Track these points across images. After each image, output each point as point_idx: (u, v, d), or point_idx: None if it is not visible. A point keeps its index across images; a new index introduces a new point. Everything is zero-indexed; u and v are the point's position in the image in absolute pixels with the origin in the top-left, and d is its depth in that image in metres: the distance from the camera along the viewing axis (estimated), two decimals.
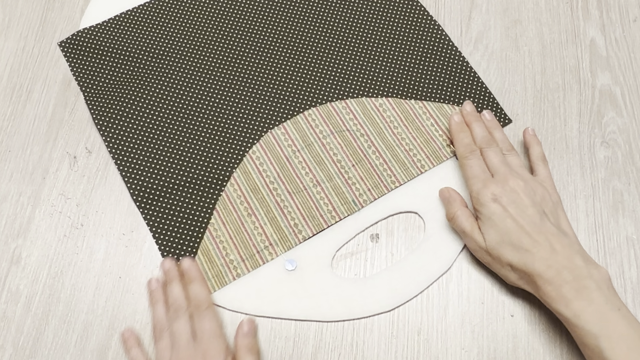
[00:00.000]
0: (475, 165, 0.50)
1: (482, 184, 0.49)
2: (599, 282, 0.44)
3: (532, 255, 0.45)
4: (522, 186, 0.48)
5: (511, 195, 0.47)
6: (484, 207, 0.48)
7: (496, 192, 0.48)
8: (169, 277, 0.49)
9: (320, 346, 0.49)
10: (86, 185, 0.55)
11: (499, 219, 0.47)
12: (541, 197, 0.48)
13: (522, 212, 0.47)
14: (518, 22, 0.62)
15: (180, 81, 0.59)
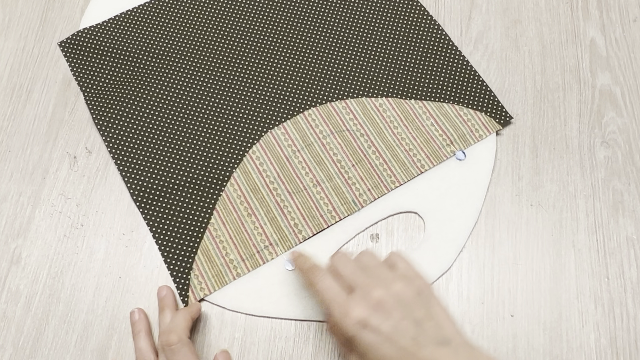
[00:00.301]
0: (327, 288, 0.43)
1: (343, 310, 0.41)
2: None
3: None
4: (387, 295, 0.41)
5: (379, 312, 0.40)
6: (354, 339, 0.40)
7: (362, 316, 0.40)
8: (163, 305, 0.49)
9: (320, 346, 0.49)
10: (86, 185, 0.55)
11: (374, 349, 0.40)
12: (409, 299, 0.41)
13: (396, 330, 0.40)
14: (518, 22, 0.62)
15: (180, 81, 0.59)
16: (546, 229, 0.53)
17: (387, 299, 0.41)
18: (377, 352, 0.40)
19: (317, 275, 0.44)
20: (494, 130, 0.56)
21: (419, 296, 0.42)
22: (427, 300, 0.42)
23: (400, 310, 0.41)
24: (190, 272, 0.51)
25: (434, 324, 0.41)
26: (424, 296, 0.42)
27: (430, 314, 0.41)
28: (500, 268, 0.51)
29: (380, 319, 0.40)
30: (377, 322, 0.40)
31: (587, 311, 0.50)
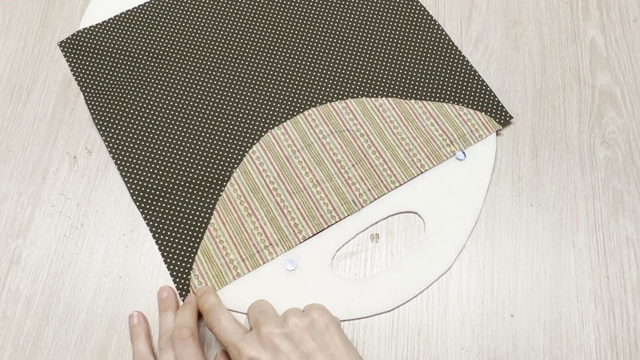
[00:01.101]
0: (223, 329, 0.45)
1: (237, 351, 0.43)
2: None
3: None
4: (276, 333, 0.43)
5: (269, 349, 0.42)
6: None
7: (253, 354, 0.42)
8: (165, 305, 0.49)
9: None
10: (86, 185, 0.55)
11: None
12: (300, 336, 0.43)
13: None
14: (518, 22, 0.62)
15: (180, 81, 0.59)
16: (546, 229, 0.53)
17: (275, 335, 0.43)
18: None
19: (215, 316, 0.46)
20: (494, 130, 0.56)
21: (310, 329, 0.43)
22: (319, 332, 0.43)
23: (288, 345, 0.42)
24: (190, 272, 0.51)
25: (324, 356, 0.42)
26: (315, 329, 0.44)
27: (322, 346, 0.43)
28: (500, 268, 0.51)
29: (269, 355, 0.42)
30: (266, 359, 0.42)
31: (587, 311, 0.50)
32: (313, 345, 0.42)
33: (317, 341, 0.43)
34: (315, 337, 0.43)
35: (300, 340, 0.43)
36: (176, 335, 0.45)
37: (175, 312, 0.48)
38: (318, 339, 0.43)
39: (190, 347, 0.45)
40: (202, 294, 0.49)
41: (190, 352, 0.44)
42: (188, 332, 0.45)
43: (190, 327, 0.46)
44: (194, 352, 0.44)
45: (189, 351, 0.44)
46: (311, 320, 0.44)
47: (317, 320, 0.44)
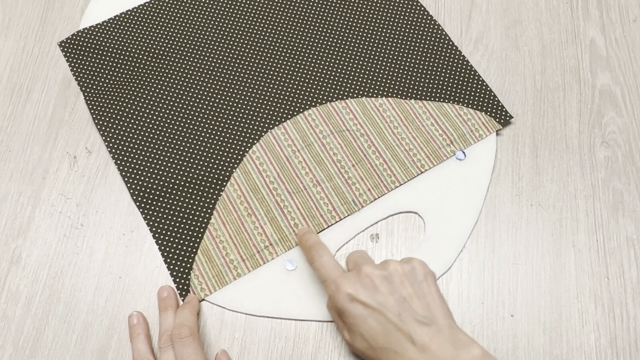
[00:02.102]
0: (324, 265, 0.46)
1: (335, 286, 0.44)
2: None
3: (401, 356, 0.41)
4: (377, 274, 0.44)
5: (368, 288, 0.43)
6: (344, 312, 0.44)
7: (351, 291, 0.43)
8: (165, 305, 0.49)
9: (320, 346, 0.49)
10: (86, 185, 0.55)
11: (361, 321, 0.43)
12: (400, 280, 0.44)
13: (382, 305, 0.42)
14: (518, 22, 0.62)
15: (180, 81, 0.59)
16: (546, 229, 0.53)
17: (376, 276, 0.44)
18: (363, 324, 0.42)
19: (318, 252, 0.47)
20: (494, 130, 0.57)
21: (410, 276, 0.44)
22: (419, 280, 0.44)
23: (387, 287, 0.43)
24: (191, 272, 0.51)
25: (420, 302, 0.43)
26: (415, 277, 0.44)
27: (419, 293, 0.43)
28: (500, 268, 0.51)
29: (367, 293, 0.43)
30: (364, 296, 0.43)
31: (587, 311, 0.50)
32: (411, 291, 0.43)
33: (415, 288, 0.44)
34: (414, 284, 0.44)
35: (399, 284, 0.44)
36: (175, 335, 0.45)
37: (175, 312, 0.48)
38: (416, 286, 0.44)
39: (189, 346, 0.45)
40: (304, 233, 0.50)
41: (190, 352, 0.44)
42: (187, 331, 0.45)
43: (190, 326, 0.46)
44: (193, 351, 0.44)
45: (189, 350, 0.44)
46: (411, 268, 0.45)
47: (417, 269, 0.45)
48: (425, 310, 0.43)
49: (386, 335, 0.42)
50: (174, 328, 0.46)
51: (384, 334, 0.42)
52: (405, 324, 0.42)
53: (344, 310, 0.43)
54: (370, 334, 0.42)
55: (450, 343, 0.41)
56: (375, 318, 0.42)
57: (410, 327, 0.42)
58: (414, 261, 0.45)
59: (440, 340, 0.41)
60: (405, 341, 0.41)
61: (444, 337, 0.41)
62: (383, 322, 0.42)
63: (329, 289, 0.45)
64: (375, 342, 0.42)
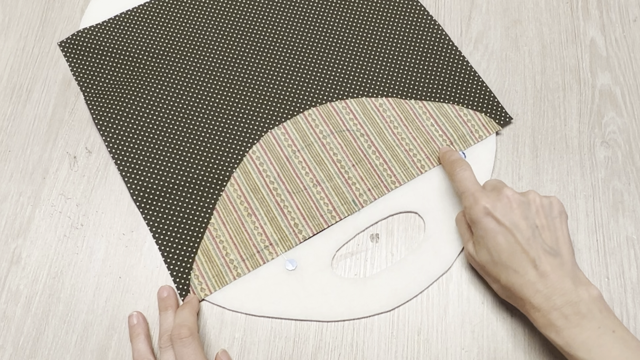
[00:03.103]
0: (464, 179, 0.49)
1: (474, 199, 0.47)
2: (590, 305, 0.42)
3: (521, 277, 0.44)
4: (516, 197, 0.46)
5: (504, 207, 0.45)
6: (476, 224, 0.46)
7: (488, 205, 0.46)
8: (165, 305, 0.49)
9: (320, 346, 0.49)
10: (86, 185, 0.55)
11: (490, 235, 0.45)
12: (536, 208, 0.46)
13: (515, 225, 0.45)
14: (518, 22, 0.62)
15: (180, 81, 0.59)
16: None
17: (515, 199, 0.46)
18: (492, 239, 0.45)
19: (460, 166, 0.50)
20: (494, 131, 0.57)
21: (546, 209, 0.46)
22: (553, 215, 0.46)
23: (523, 211, 0.45)
24: (191, 272, 0.51)
25: (550, 235, 0.45)
26: (551, 211, 0.47)
27: (551, 227, 0.46)
28: None
29: (503, 212, 0.45)
30: (499, 214, 0.45)
31: None
32: (544, 222, 0.46)
33: (548, 220, 0.46)
34: (548, 217, 0.46)
35: (534, 212, 0.46)
36: (175, 335, 0.45)
37: (175, 312, 0.48)
38: (549, 219, 0.46)
39: (189, 346, 0.45)
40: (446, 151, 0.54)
41: (190, 352, 0.44)
42: (187, 331, 0.45)
43: (190, 326, 0.46)
44: (193, 351, 0.44)
45: (188, 350, 0.44)
46: (549, 202, 0.47)
47: (554, 205, 0.47)
48: (553, 243, 0.45)
49: (511, 253, 0.44)
50: (173, 328, 0.46)
51: (509, 252, 0.44)
52: (532, 248, 0.44)
53: (478, 221, 0.46)
54: (496, 249, 0.45)
55: (570, 278, 0.43)
56: (505, 235, 0.44)
57: (536, 252, 0.44)
58: (553, 198, 0.47)
59: (561, 272, 0.43)
60: (528, 264, 0.44)
61: (565, 270, 0.44)
62: (511, 241, 0.44)
63: (467, 201, 0.47)
64: (499, 257, 0.45)
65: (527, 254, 0.44)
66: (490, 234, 0.45)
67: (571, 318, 0.42)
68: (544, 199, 0.47)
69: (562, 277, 0.43)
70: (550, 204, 0.47)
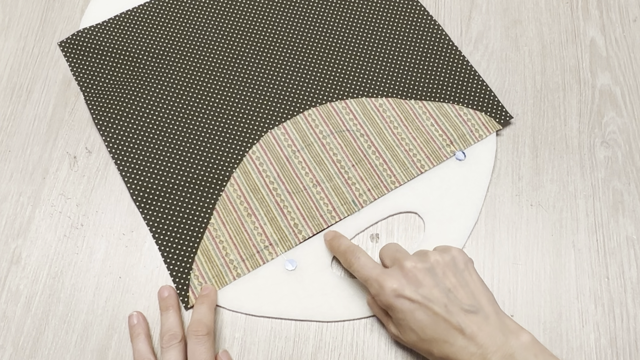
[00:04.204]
0: (363, 266, 0.46)
1: (378, 284, 0.44)
2: (524, 353, 0.41)
3: (451, 345, 0.42)
4: (419, 267, 0.44)
5: (412, 282, 0.44)
6: (390, 308, 0.44)
7: (396, 286, 0.43)
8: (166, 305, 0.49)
9: (320, 346, 0.49)
10: (86, 185, 0.55)
11: (409, 315, 0.43)
12: (442, 271, 0.44)
13: (428, 298, 0.43)
14: (518, 22, 0.62)
15: (180, 81, 0.59)
16: (546, 229, 0.53)
17: (418, 269, 0.44)
18: (412, 318, 0.43)
19: (354, 254, 0.47)
20: (494, 130, 0.56)
21: (451, 266, 0.45)
22: (460, 269, 0.45)
23: (431, 279, 0.44)
24: (190, 272, 0.51)
25: (465, 292, 0.44)
26: (456, 266, 0.45)
27: (462, 283, 0.44)
28: (500, 268, 0.51)
29: (412, 288, 0.43)
30: (409, 291, 0.43)
31: (587, 311, 0.50)
32: (454, 282, 0.44)
33: (458, 278, 0.44)
34: (456, 274, 0.45)
35: (442, 275, 0.44)
36: (192, 331, 0.45)
37: (176, 311, 0.48)
38: (458, 276, 0.44)
39: (204, 344, 0.45)
40: (332, 238, 0.51)
41: (203, 350, 0.45)
42: (205, 329, 0.46)
43: (208, 324, 0.46)
44: (206, 350, 0.45)
45: (202, 349, 0.45)
46: (452, 257, 0.45)
47: (457, 258, 0.45)
48: (470, 299, 0.44)
49: (434, 327, 0.43)
50: (191, 322, 0.46)
51: (433, 326, 0.43)
52: (452, 314, 0.42)
53: (391, 306, 0.44)
54: (419, 327, 0.43)
55: (499, 329, 0.42)
56: (423, 311, 0.43)
57: (457, 317, 0.42)
58: (453, 250, 0.46)
59: (489, 328, 0.42)
60: (453, 331, 0.42)
61: (491, 324, 0.42)
62: (430, 315, 0.43)
63: (373, 288, 0.45)
64: (424, 334, 0.43)
65: (449, 322, 0.42)
66: (408, 314, 0.43)
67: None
68: (445, 256, 0.45)
69: (490, 333, 0.42)
70: (453, 258, 0.45)
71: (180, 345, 0.46)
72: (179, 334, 0.46)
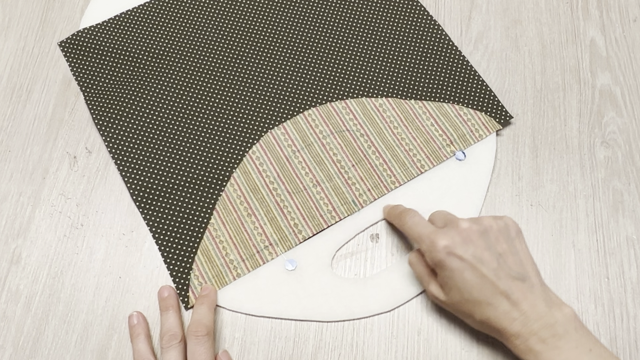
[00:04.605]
0: (415, 225, 0.47)
1: (430, 241, 0.45)
2: (566, 325, 0.42)
3: (495, 309, 0.43)
4: (474, 229, 0.45)
5: (465, 242, 0.44)
6: (440, 266, 0.45)
7: (448, 244, 0.44)
8: (166, 305, 0.49)
9: (320, 346, 0.49)
10: (86, 185, 0.55)
11: (457, 274, 0.44)
12: (495, 235, 0.45)
13: (479, 259, 0.44)
14: (518, 22, 0.62)
15: (180, 81, 0.59)
16: (546, 229, 0.53)
17: (473, 231, 0.45)
18: (460, 277, 0.44)
19: (409, 214, 0.49)
20: (494, 130, 0.57)
21: (504, 232, 0.46)
22: (512, 237, 0.46)
23: (483, 242, 0.44)
24: (190, 272, 0.51)
25: (514, 259, 0.45)
26: (509, 233, 0.46)
27: (513, 250, 0.45)
28: None
29: (464, 248, 0.44)
30: (461, 251, 0.44)
31: (587, 311, 0.50)
32: (505, 248, 0.45)
33: (509, 245, 0.45)
34: (508, 241, 0.45)
35: (494, 240, 0.45)
36: (192, 331, 0.46)
37: (176, 312, 0.48)
38: (510, 243, 0.45)
39: (204, 345, 0.45)
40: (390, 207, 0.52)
41: (202, 350, 0.45)
42: (205, 329, 0.46)
43: (208, 325, 0.46)
44: (205, 351, 0.45)
45: (201, 349, 0.45)
46: (505, 224, 0.46)
47: (510, 226, 0.46)
48: (518, 267, 0.44)
49: (481, 288, 0.43)
50: (191, 323, 0.46)
51: (479, 287, 0.43)
52: (500, 279, 0.43)
53: (441, 263, 0.44)
54: (465, 287, 0.44)
55: (543, 300, 0.43)
56: (472, 272, 0.43)
57: (505, 282, 0.43)
58: (506, 218, 0.47)
59: (533, 297, 0.43)
60: (499, 296, 0.43)
61: (536, 294, 0.43)
62: (479, 276, 0.43)
63: (424, 245, 0.46)
64: (469, 295, 0.44)
65: (496, 285, 0.43)
66: (457, 273, 0.44)
67: (549, 341, 0.41)
68: (499, 222, 0.46)
69: (534, 302, 0.43)
70: (506, 226, 0.46)
71: (180, 345, 0.46)
72: (179, 334, 0.46)
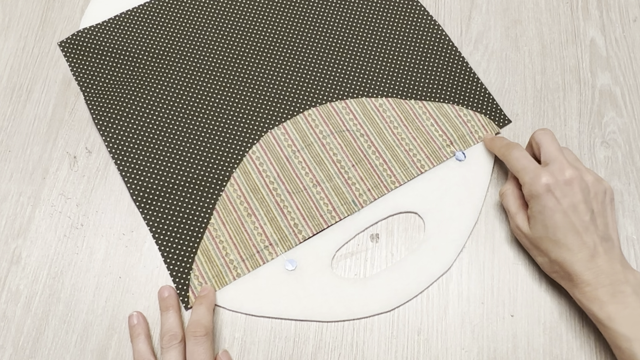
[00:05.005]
0: (522, 157, 0.49)
1: (535, 174, 0.47)
2: (636, 287, 0.44)
3: (573, 255, 0.45)
4: (578, 179, 0.47)
5: (565, 188, 0.46)
6: (535, 199, 0.47)
7: (550, 183, 0.46)
8: (166, 305, 0.49)
9: (320, 346, 0.49)
10: (86, 185, 0.55)
11: (549, 212, 0.46)
12: (594, 193, 0.47)
13: (574, 207, 0.46)
14: (518, 22, 0.62)
15: (180, 81, 0.59)
16: None
17: (577, 181, 0.47)
18: (550, 215, 0.46)
19: (515, 146, 0.51)
20: (494, 132, 0.56)
21: (601, 194, 0.48)
22: (606, 202, 0.48)
23: (582, 195, 0.46)
24: (190, 272, 0.51)
25: (603, 221, 0.47)
26: (605, 197, 0.48)
27: (603, 213, 0.47)
28: (500, 268, 0.51)
29: (564, 192, 0.46)
30: (560, 193, 0.46)
31: None
32: (599, 208, 0.47)
33: (603, 207, 0.48)
34: (602, 203, 0.48)
35: (592, 197, 0.47)
36: (191, 332, 0.46)
37: (176, 312, 0.48)
38: (603, 206, 0.48)
39: (202, 345, 0.45)
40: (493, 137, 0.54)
41: (201, 351, 0.45)
42: (203, 330, 0.46)
43: (206, 325, 0.46)
44: (204, 351, 0.45)
45: (200, 349, 0.45)
46: (604, 188, 0.48)
47: (608, 191, 0.49)
48: (604, 228, 0.47)
49: (567, 232, 0.46)
50: (189, 324, 0.46)
51: (565, 232, 0.46)
52: (587, 231, 0.46)
53: (538, 197, 0.46)
54: (553, 227, 0.46)
55: (619, 262, 0.46)
56: (563, 216, 0.46)
57: (590, 236, 0.46)
58: (606, 183, 0.49)
59: (611, 256, 0.46)
60: (582, 244, 0.45)
61: (615, 254, 0.46)
62: (568, 223, 0.46)
63: (527, 177, 0.48)
64: (554, 235, 0.46)
65: (582, 236, 0.45)
66: (549, 212, 0.46)
67: (618, 295, 0.44)
68: (600, 184, 0.48)
69: (612, 260, 0.45)
70: (605, 189, 0.48)
71: (181, 345, 0.46)
72: (179, 334, 0.46)
